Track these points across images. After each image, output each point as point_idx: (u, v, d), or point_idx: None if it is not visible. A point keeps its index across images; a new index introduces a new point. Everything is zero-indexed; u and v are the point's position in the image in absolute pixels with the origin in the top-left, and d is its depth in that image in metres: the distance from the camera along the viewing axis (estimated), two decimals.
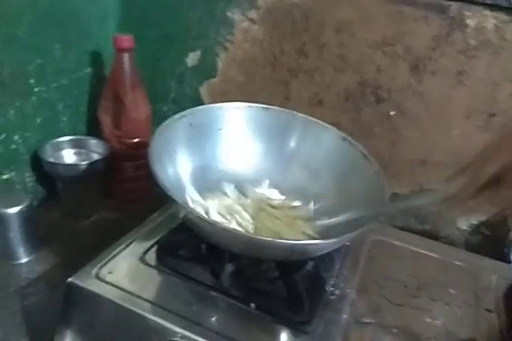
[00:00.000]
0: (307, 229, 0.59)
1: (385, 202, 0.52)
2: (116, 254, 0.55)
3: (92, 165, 0.71)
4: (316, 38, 0.72)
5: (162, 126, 0.56)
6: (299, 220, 0.61)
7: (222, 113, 0.64)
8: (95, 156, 0.76)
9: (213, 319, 0.47)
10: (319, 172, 0.63)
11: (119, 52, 0.71)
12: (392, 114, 0.72)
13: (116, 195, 0.82)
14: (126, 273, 0.52)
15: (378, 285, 0.58)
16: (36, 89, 0.69)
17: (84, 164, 0.70)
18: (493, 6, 0.61)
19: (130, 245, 0.57)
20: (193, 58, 0.82)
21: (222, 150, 0.65)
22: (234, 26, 0.76)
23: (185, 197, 0.59)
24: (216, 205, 0.60)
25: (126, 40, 0.70)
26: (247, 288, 0.51)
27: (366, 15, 0.68)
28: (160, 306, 0.48)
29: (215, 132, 0.64)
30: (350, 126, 0.75)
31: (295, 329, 0.48)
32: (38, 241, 0.67)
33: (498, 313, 0.56)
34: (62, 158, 0.75)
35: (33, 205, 0.64)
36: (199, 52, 0.81)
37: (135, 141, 0.77)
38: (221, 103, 0.64)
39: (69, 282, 0.49)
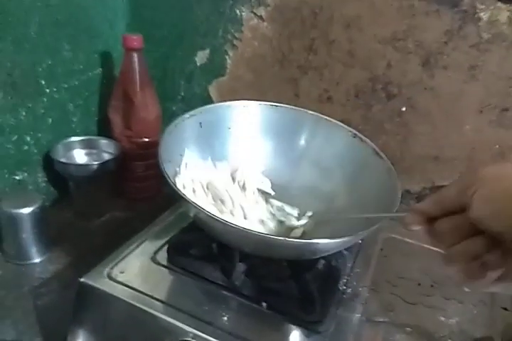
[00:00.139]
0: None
1: (397, 199, 0.51)
2: (127, 254, 0.55)
3: (103, 165, 0.71)
4: (324, 35, 0.71)
5: (172, 126, 0.56)
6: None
7: (232, 111, 0.64)
8: (106, 156, 0.76)
9: (225, 318, 0.47)
10: (330, 170, 0.63)
11: (129, 52, 0.71)
12: (403, 109, 0.71)
13: (126, 194, 0.82)
14: (138, 273, 0.52)
15: (391, 284, 0.58)
16: (47, 90, 0.70)
17: (95, 164, 0.70)
18: None
19: (141, 245, 0.57)
20: (201, 57, 0.82)
21: (232, 148, 0.65)
22: (242, 24, 0.76)
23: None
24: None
25: (136, 40, 0.70)
26: (258, 287, 0.51)
27: (376, 10, 0.67)
28: (171, 306, 0.48)
29: (225, 131, 0.64)
30: (361, 123, 0.74)
31: (307, 328, 0.48)
32: (50, 241, 0.67)
33: None
34: (73, 158, 0.76)
35: (45, 206, 0.65)
36: (208, 50, 0.81)
37: (145, 140, 0.77)
38: (230, 101, 0.64)
39: (81, 282, 0.49)
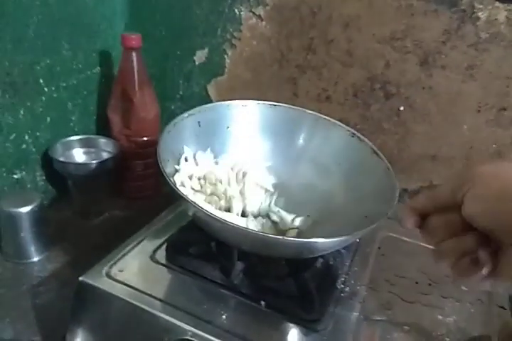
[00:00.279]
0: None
1: (395, 198, 0.51)
2: (126, 253, 0.55)
3: (102, 164, 0.71)
4: (323, 34, 0.71)
5: (170, 125, 0.56)
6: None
7: (230, 111, 0.64)
8: (105, 155, 0.76)
9: (223, 317, 0.47)
10: (328, 169, 0.63)
11: (128, 51, 0.71)
12: (401, 109, 0.71)
13: (125, 193, 0.82)
14: (137, 272, 0.52)
15: (389, 282, 0.58)
16: (46, 89, 0.70)
17: (94, 163, 0.70)
18: None
19: (140, 243, 0.57)
20: (200, 56, 0.82)
21: (231, 147, 0.65)
22: (241, 23, 0.76)
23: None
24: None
25: (135, 39, 0.70)
26: (257, 285, 0.51)
27: (374, 9, 0.67)
28: (170, 304, 0.48)
29: (224, 130, 0.64)
30: (359, 122, 0.75)
31: (305, 327, 0.48)
32: (49, 240, 0.67)
33: None
34: (72, 157, 0.76)
35: (44, 204, 0.65)
36: (206, 49, 0.81)
37: (144, 139, 0.77)
38: (229, 101, 0.64)
39: (80, 281, 0.49)
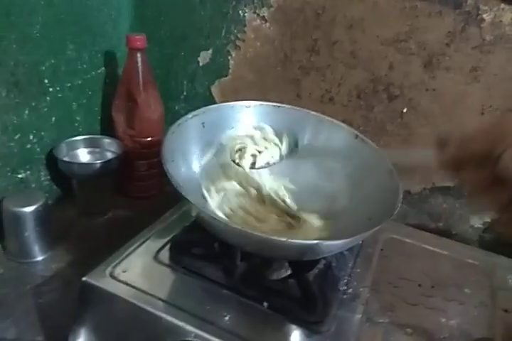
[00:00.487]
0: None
1: (398, 200, 0.51)
2: (130, 253, 0.55)
3: (106, 164, 0.71)
4: (327, 35, 0.71)
5: (175, 125, 0.56)
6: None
7: (234, 112, 0.64)
8: (109, 155, 0.76)
9: (226, 318, 0.47)
10: (332, 170, 0.63)
11: (132, 51, 0.71)
12: (405, 111, 0.71)
13: (129, 193, 0.83)
14: (140, 272, 0.53)
15: (392, 285, 0.58)
16: (51, 89, 0.70)
17: (98, 163, 0.71)
18: None
19: (144, 243, 0.57)
20: (204, 57, 0.82)
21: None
22: (245, 24, 0.76)
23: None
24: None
25: (139, 40, 0.70)
26: (259, 287, 0.51)
27: (378, 11, 0.67)
28: (173, 305, 0.48)
29: (227, 131, 0.64)
30: (362, 124, 0.75)
31: (308, 328, 0.48)
32: (53, 240, 0.68)
33: None
34: (76, 157, 0.76)
35: (48, 204, 0.65)
36: (211, 50, 0.81)
37: (148, 139, 0.77)
38: (233, 102, 0.64)
39: (83, 281, 0.49)
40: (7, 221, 0.63)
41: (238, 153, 0.62)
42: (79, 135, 0.77)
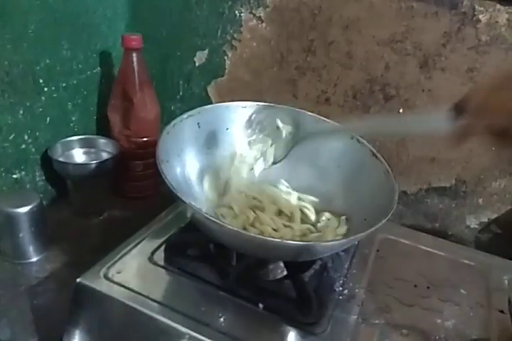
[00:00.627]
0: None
1: (394, 200, 0.51)
2: (124, 254, 0.55)
3: (101, 164, 0.71)
4: (323, 36, 0.71)
5: (170, 126, 0.56)
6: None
7: (230, 112, 0.64)
8: (104, 155, 0.76)
9: (221, 319, 0.47)
10: (328, 171, 0.63)
11: (128, 51, 0.71)
12: (401, 111, 0.71)
13: (125, 193, 0.82)
14: (135, 273, 0.52)
15: (387, 285, 0.58)
16: (45, 89, 0.69)
17: (93, 163, 0.70)
18: (506, 0, 0.60)
19: (139, 244, 0.57)
20: (200, 57, 0.82)
21: (230, 149, 0.65)
22: (241, 25, 0.76)
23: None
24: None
25: (135, 40, 0.70)
26: (255, 288, 0.51)
27: (375, 11, 0.67)
28: (168, 306, 0.48)
29: (223, 131, 0.64)
30: None
31: (303, 329, 0.48)
32: (48, 240, 0.67)
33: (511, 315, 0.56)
34: (72, 157, 0.76)
35: (43, 205, 0.64)
36: (207, 51, 0.81)
37: (144, 139, 0.77)
38: (229, 102, 0.64)
39: (77, 282, 0.49)
40: (1, 221, 0.62)
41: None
42: (74, 135, 0.76)
